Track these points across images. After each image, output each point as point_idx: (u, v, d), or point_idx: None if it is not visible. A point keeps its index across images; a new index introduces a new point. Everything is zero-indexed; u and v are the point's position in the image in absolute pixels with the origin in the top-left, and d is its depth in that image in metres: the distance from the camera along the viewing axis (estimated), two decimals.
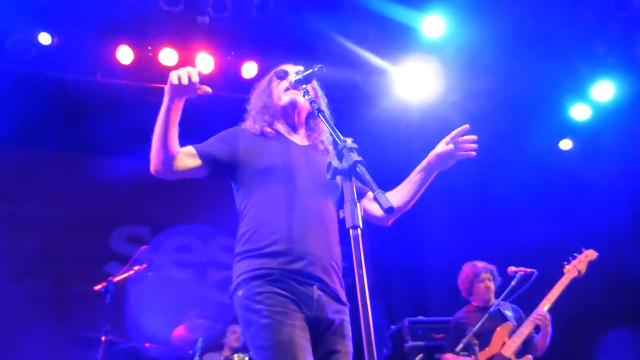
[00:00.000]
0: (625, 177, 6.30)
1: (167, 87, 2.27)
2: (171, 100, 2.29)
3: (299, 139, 2.65)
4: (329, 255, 2.37)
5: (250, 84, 2.84)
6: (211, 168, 2.47)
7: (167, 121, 2.31)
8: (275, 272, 2.26)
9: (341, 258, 2.46)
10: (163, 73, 5.63)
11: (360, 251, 1.71)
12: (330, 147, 2.64)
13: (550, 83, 6.09)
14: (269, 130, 2.58)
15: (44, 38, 5.22)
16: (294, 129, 2.66)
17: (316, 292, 2.28)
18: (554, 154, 6.83)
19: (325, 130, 2.59)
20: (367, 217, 2.59)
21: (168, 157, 2.35)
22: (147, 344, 4.97)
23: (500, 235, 6.59)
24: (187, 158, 2.42)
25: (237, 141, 2.53)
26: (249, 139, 2.54)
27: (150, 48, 5.51)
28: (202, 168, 2.45)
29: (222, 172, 2.51)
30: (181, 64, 5.54)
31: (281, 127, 2.66)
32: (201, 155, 2.44)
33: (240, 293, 2.30)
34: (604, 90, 6.11)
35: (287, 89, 2.57)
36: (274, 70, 2.66)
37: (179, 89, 2.24)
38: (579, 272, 4.59)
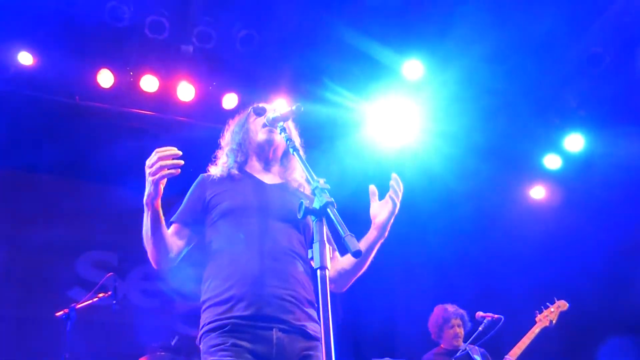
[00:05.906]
0: (595, 225, 6.42)
1: (148, 191, 2.17)
2: (152, 204, 2.21)
3: (271, 177, 2.63)
4: (290, 292, 2.30)
5: (230, 115, 2.83)
6: (198, 231, 2.48)
7: (156, 229, 2.27)
8: (230, 323, 2.23)
9: (309, 290, 2.38)
10: (143, 99, 5.64)
11: (327, 293, 1.68)
12: (305, 184, 2.61)
13: (523, 133, 6.25)
14: (235, 172, 2.57)
15: (24, 58, 5.18)
16: (267, 165, 2.64)
17: (275, 335, 2.21)
18: (526, 201, 6.95)
19: (299, 169, 2.55)
20: None
21: (168, 260, 2.38)
22: None
23: (472, 280, 6.63)
24: (179, 239, 2.44)
25: (204, 190, 2.52)
26: (214, 185, 2.53)
27: (132, 74, 5.50)
28: (192, 236, 2.48)
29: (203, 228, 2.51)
30: (162, 91, 5.56)
31: (254, 165, 2.64)
32: (187, 225, 2.47)
33: (201, 346, 2.31)
34: (575, 141, 6.29)
35: (264, 126, 2.57)
36: (251, 107, 2.69)
37: (157, 182, 2.15)
38: (551, 321, 4.65)
